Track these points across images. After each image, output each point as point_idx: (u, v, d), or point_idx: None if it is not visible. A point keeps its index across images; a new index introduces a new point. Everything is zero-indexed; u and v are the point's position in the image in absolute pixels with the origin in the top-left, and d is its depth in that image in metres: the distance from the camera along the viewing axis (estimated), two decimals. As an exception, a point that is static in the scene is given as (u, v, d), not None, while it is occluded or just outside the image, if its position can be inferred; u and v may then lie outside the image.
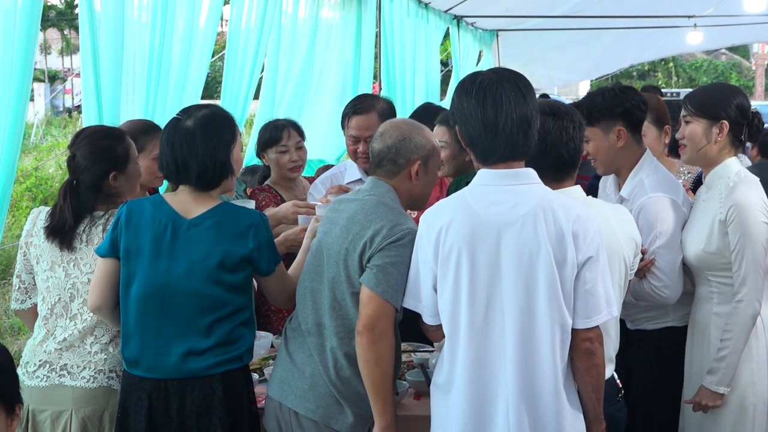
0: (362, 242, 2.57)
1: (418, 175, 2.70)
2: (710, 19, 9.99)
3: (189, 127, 2.73)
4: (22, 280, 3.01)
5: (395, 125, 2.79)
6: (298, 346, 2.71)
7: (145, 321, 2.73)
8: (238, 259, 2.73)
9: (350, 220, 2.64)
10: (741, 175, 2.97)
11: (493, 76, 2.44)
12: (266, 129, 4.01)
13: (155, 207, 2.76)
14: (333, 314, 2.63)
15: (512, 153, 2.41)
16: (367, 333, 2.51)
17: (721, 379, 2.90)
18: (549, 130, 2.59)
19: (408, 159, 2.69)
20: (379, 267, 2.53)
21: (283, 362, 2.74)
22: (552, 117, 2.60)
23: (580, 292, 2.38)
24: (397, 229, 2.56)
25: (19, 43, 3.36)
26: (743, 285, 2.88)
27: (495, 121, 2.37)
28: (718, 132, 2.96)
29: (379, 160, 2.71)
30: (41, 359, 2.88)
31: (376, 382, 2.54)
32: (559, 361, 2.39)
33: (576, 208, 2.42)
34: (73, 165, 2.90)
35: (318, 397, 2.64)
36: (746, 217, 2.86)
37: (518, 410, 2.36)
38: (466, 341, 2.39)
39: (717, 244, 2.92)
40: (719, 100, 2.98)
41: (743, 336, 2.89)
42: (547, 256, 2.34)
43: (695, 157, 3.03)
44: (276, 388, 2.73)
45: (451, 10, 9.41)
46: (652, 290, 3.00)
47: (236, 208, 2.84)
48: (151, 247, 2.72)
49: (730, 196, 2.90)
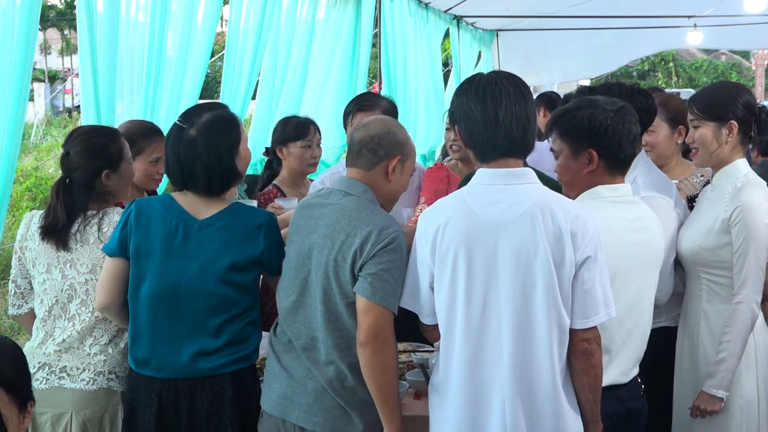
0: (352, 251, 2.52)
1: (394, 172, 2.67)
2: (710, 19, 9.99)
3: (192, 136, 2.72)
4: (18, 285, 3.01)
5: (380, 119, 2.78)
6: (294, 361, 2.64)
7: (156, 321, 2.72)
8: (249, 259, 2.73)
9: (332, 228, 2.57)
10: (749, 176, 2.95)
11: (492, 75, 2.48)
12: (287, 123, 4.04)
13: (165, 206, 2.76)
14: (328, 327, 2.57)
15: (511, 148, 2.42)
16: (370, 344, 2.48)
17: (719, 383, 2.87)
18: (631, 123, 2.63)
19: (388, 152, 2.65)
20: (373, 275, 2.48)
21: (280, 378, 2.66)
22: (627, 111, 2.64)
23: (579, 292, 2.38)
24: (386, 233, 2.52)
25: (18, 42, 3.35)
26: (743, 287, 2.86)
27: (495, 114, 2.39)
28: (727, 133, 2.94)
29: (359, 148, 2.67)
30: (40, 361, 2.87)
31: (383, 391, 2.51)
32: (557, 361, 2.38)
33: (575, 207, 2.42)
34: (67, 162, 2.90)
35: (324, 410, 2.59)
36: (752, 218, 2.85)
37: (514, 411, 2.35)
38: (461, 341, 2.38)
39: (715, 241, 2.91)
40: (725, 101, 2.96)
41: (742, 339, 2.87)
42: (544, 255, 2.33)
43: (708, 160, 3.02)
44: (276, 405, 2.66)
45: (451, 10, 9.40)
46: None
47: (246, 208, 2.84)
48: (163, 247, 2.71)
49: (737, 197, 2.89)
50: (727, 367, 2.87)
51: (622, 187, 2.69)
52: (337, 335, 2.57)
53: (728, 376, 2.87)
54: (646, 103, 3.10)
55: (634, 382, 2.73)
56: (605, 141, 2.61)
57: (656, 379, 3.11)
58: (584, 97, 2.75)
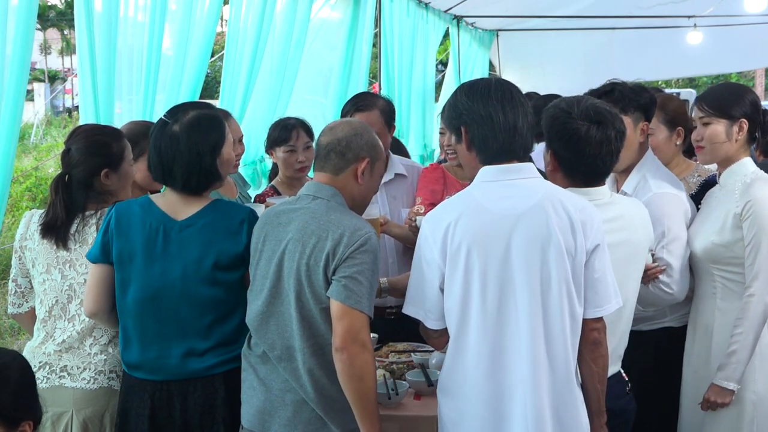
0: (324, 255, 2.47)
1: (363, 175, 2.62)
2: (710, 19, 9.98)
3: (174, 132, 2.71)
4: (18, 284, 3.00)
5: (347, 121, 2.74)
6: (270, 373, 2.59)
7: (144, 325, 2.72)
8: (232, 257, 2.71)
9: (302, 232, 2.53)
10: (758, 173, 2.99)
11: (502, 82, 2.50)
12: (276, 128, 4.01)
13: (144, 209, 2.75)
14: (304, 334, 2.52)
15: (522, 154, 2.46)
16: (347, 349, 2.43)
17: (730, 375, 2.88)
18: (590, 139, 2.60)
19: (357, 155, 2.61)
20: (347, 278, 2.44)
21: (258, 392, 2.62)
22: (597, 126, 2.61)
23: (590, 281, 2.40)
24: (358, 235, 2.48)
25: (16, 41, 3.35)
26: (756, 279, 2.88)
27: (514, 122, 2.41)
28: (738, 131, 2.98)
29: (327, 152, 2.62)
30: (41, 361, 2.87)
31: (361, 397, 2.45)
32: (571, 351, 2.40)
33: (579, 199, 2.46)
34: (67, 159, 2.90)
35: (304, 422, 2.55)
36: (763, 212, 2.88)
37: (536, 402, 2.35)
38: (478, 338, 2.38)
39: (728, 237, 2.93)
40: (736, 99, 3.00)
41: (754, 331, 2.87)
42: (558, 245, 2.35)
43: (716, 157, 3.04)
44: (255, 420, 2.61)
45: (450, 10, 9.39)
46: (660, 289, 2.99)
47: (227, 204, 2.82)
48: (144, 251, 2.71)
49: (747, 192, 2.92)
50: (738, 360, 2.87)
51: (596, 191, 2.69)
52: (313, 342, 2.52)
53: (740, 368, 2.88)
54: (649, 98, 3.12)
55: (617, 379, 2.73)
56: (562, 151, 2.65)
57: (661, 380, 3.12)
58: (565, 101, 2.71)
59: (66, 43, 30.27)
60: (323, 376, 2.52)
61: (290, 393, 2.56)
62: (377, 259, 2.52)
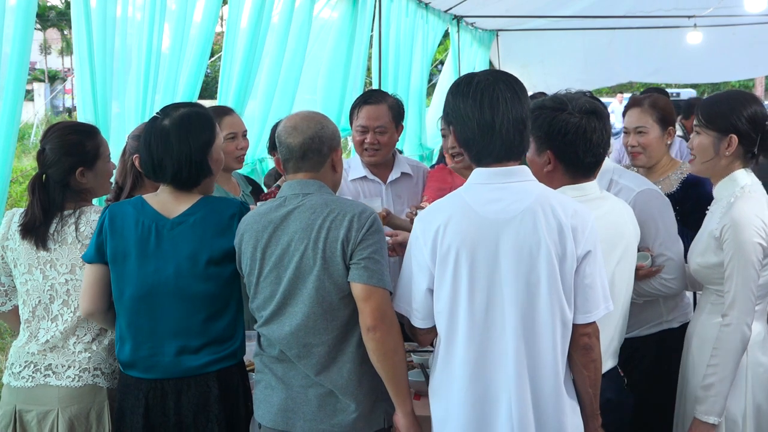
0: (339, 245, 2.51)
1: (338, 163, 2.68)
2: (710, 19, 9.99)
3: (165, 126, 2.73)
4: (2, 282, 3.01)
5: (303, 117, 2.69)
6: (289, 371, 2.61)
7: (138, 323, 2.73)
8: (225, 252, 2.72)
9: (307, 229, 2.54)
10: (746, 189, 2.79)
11: (489, 77, 2.43)
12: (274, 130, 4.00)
13: (137, 209, 2.77)
14: (326, 327, 2.55)
15: (508, 153, 2.40)
16: (379, 327, 2.48)
17: (709, 409, 2.72)
18: (594, 130, 2.62)
19: (331, 147, 2.65)
20: (365, 259, 2.50)
21: (277, 390, 2.63)
22: (596, 117, 2.64)
23: (580, 287, 2.38)
24: (365, 217, 2.54)
25: (15, 41, 3.35)
26: (731, 308, 2.72)
27: (492, 121, 2.36)
28: (726, 146, 2.80)
29: (303, 152, 2.61)
30: (26, 360, 2.88)
31: (397, 371, 2.53)
32: (560, 357, 2.38)
33: (573, 203, 2.43)
34: (42, 158, 2.90)
35: (329, 414, 2.58)
36: (739, 235, 2.70)
37: (521, 408, 2.35)
38: (465, 341, 2.37)
39: (712, 260, 2.81)
40: (729, 112, 2.79)
41: (731, 362, 2.71)
42: (547, 250, 2.33)
43: (703, 169, 2.90)
44: (277, 418, 2.62)
45: (450, 10, 9.39)
46: (661, 284, 2.99)
47: (217, 200, 2.82)
48: (137, 249, 2.72)
49: (727, 213, 2.75)
50: (717, 392, 2.71)
51: (588, 186, 2.69)
52: (338, 332, 2.56)
53: (719, 401, 2.72)
54: None
55: (613, 373, 2.73)
56: (563, 146, 2.63)
57: (659, 380, 3.11)
58: (557, 96, 2.71)
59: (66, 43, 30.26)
60: (351, 362, 2.56)
61: (312, 388, 2.59)
62: (384, 237, 2.58)
